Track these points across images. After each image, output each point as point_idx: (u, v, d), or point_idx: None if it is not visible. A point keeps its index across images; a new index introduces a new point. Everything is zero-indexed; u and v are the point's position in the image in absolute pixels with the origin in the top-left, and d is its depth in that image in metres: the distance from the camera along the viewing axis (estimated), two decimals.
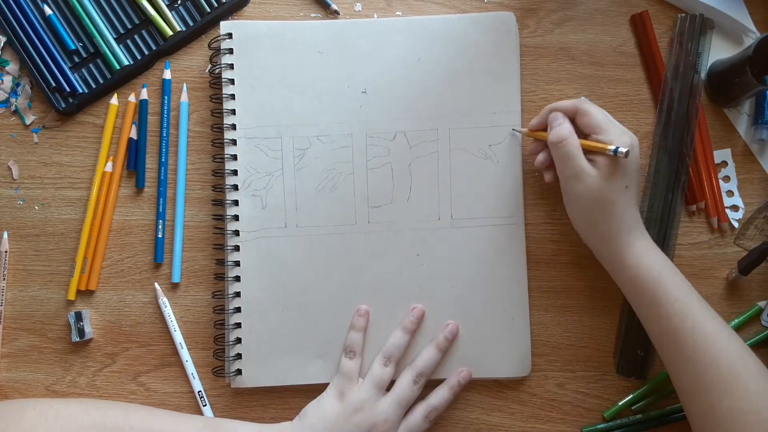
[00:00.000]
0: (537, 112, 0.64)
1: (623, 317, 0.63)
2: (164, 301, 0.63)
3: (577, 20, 0.65)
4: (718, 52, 0.65)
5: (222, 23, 0.63)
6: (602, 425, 0.62)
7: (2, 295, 0.63)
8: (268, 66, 0.63)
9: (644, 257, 0.55)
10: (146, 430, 0.54)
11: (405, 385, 0.59)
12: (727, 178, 0.64)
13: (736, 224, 0.64)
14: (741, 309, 0.63)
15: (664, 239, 0.62)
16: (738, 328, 0.62)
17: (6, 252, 0.63)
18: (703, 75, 0.65)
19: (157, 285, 0.63)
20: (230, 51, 0.63)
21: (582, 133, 0.57)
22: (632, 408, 0.62)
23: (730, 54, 0.64)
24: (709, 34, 0.63)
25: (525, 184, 0.63)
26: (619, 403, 0.62)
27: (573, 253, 0.63)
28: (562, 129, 0.56)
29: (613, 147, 0.54)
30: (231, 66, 0.63)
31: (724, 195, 0.64)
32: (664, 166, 0.62)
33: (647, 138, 0.64)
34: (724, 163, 0.65)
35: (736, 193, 0.64)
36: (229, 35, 0.63)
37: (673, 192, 0.62)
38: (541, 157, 0.60)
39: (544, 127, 0.59)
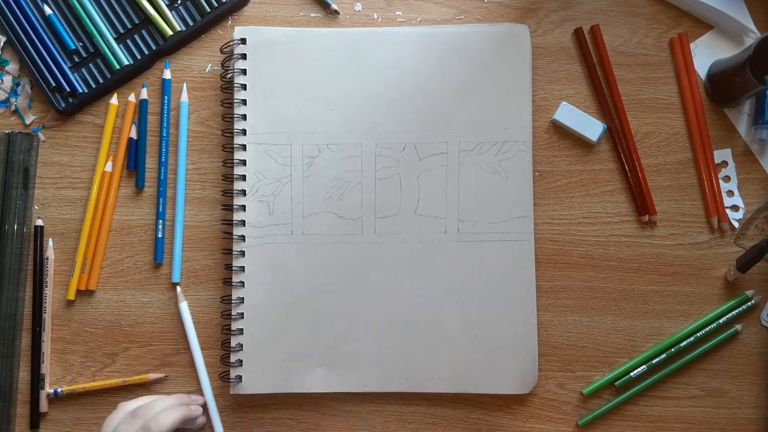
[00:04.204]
0: (538, 113, 0.64)
1: None
2: (185, 305, 0.63)
3: (577, 20, 0.65)
4: (717, 52, 0.65)
5: (237, 28, 0.63)
6: (597, 412, 0.62)
7: (47, 301, 0.63)
8: (281, 73, 0.63)
9: None
10: None
11: None
12: (727, 178, 0.64)
13: (736, 224, 0.64)
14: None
15: None
16: (733, 321, 0.62)
17: (48, 259, 0.63)
18: (703, 75, 0.65)
19: (179, 289, 0.63)
20: (243, 56, 0.63)
21: None
22: (615, 384, 0.62)
23: (730, 54, 0.64)
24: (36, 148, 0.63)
25: (534, 200, 0.63)
26: (599, 380, 0.62)
27: (573, 253, 0.63)
28: None
29: None
30: (243, 71, 0.63)
31: (724, 195, 0.64)
32: None
33: (653, 135, 0.64)
34: (725, 163, 0.65)
35: (736, 193, 0.64)
36: (243, 40, 0.63)
37: None
38: None
39: None
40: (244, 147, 0.63)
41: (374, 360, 0.61)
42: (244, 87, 0.63)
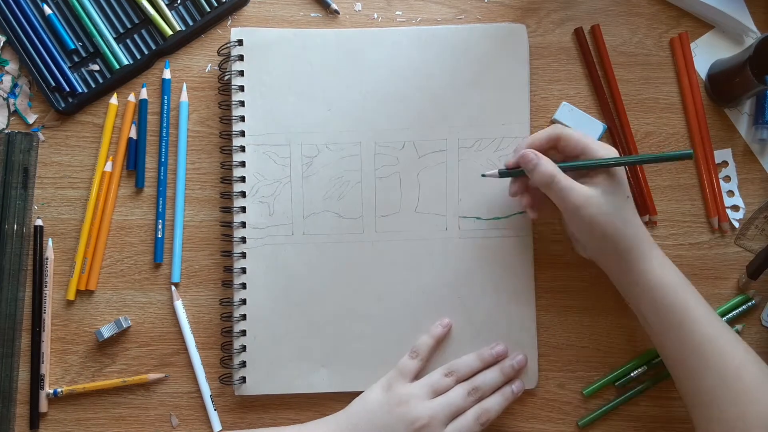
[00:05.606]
0: (538, 113, 0.64)
1: None
2: (179, 304, 0.63)
3: (577, 20, 0.65)
4: (718, 52, 0.65)
5: (233, 30, 0.63)
6: (597, 412, 0.62)
7: (47, 302, 0.63)
8: (278, 73, 0.63)
9: (662, 272, 0.54)
10: None
11: (458, 392, 0.58)
12: (727, 178, 0.64)
13: (736, 224, 0.64)
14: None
15: None
16: (734, 321, 0.63)
17: (48, 259, 0.63)
18: (703, 75, 0.65)
19: (173, 288, 0.63)
20: (240, 58, 0.63)
21: (563, 158, 0.56)
22: (615, 384, 0.62)
23: (730, 54, 0.64)
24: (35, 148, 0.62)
25: None
26: (599, 381, 0.62)
27: (573, 253, 0.63)
28: (544, 168, 0.53)
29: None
30: (241, 73, 0.63)
31: (724, 195, 0.64)
32: None
33: (648, 138, 0.64)
34: (725, 163, 0.65)
35: (736, 193, 0.64)
36: (240, 42, 0.63)
37: None
38: (525, 200, 0.58)
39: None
40: (242, 148, 0.62)
41: (377, 358, 0.61)
42: (241, 88, 0.63)
